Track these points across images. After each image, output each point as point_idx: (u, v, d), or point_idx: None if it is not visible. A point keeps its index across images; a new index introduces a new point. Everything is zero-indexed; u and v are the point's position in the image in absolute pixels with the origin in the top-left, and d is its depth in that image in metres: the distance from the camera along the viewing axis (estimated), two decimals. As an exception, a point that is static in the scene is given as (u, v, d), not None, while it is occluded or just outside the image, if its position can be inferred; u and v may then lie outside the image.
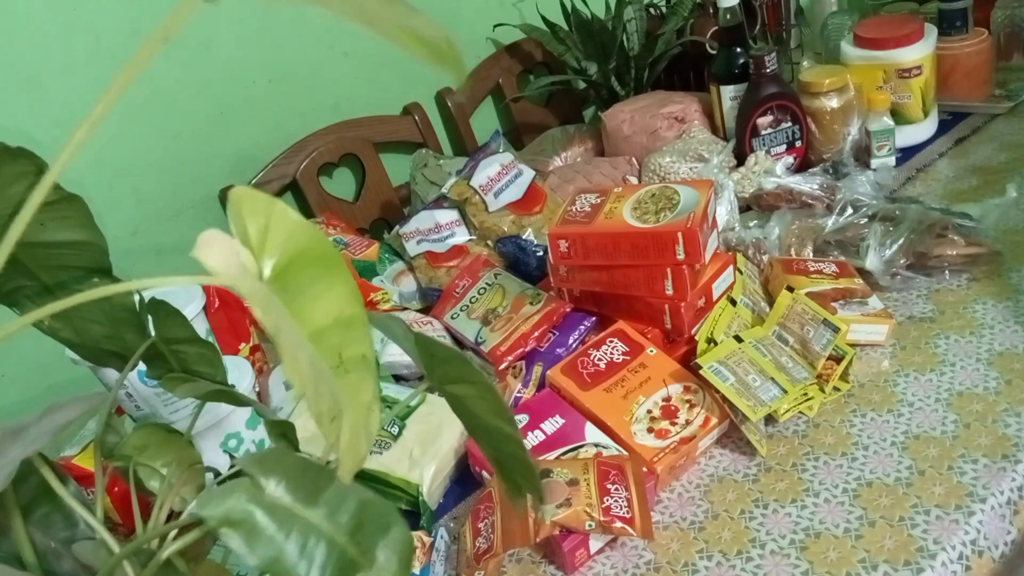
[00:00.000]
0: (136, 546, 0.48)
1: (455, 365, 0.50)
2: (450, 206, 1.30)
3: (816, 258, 1.06)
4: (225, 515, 0.35)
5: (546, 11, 1.71)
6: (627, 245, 0.97)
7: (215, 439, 0.92)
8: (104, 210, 1.23)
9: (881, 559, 0.73)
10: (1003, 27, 1.45)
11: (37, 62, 1.27)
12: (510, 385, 1.02)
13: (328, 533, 0.36)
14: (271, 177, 1.51)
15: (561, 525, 0.76)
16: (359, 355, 0.38)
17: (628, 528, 0.76)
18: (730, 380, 0.86)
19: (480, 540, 0.79)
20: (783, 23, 1.56)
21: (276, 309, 0.34)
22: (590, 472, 0.80)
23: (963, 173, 1.26)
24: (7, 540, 0.49)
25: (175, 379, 0.58)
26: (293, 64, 1.52)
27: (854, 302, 0.97)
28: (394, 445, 0.92)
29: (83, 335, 0.53)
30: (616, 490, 0.79)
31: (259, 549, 0.35)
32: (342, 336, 0.38)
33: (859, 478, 0.81)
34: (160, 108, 1.38)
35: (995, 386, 0.87)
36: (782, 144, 1.31)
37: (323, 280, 0.38)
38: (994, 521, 0.75)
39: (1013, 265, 1.02)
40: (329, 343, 0.37)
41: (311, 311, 0.37)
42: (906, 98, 1.32)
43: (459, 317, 1.14)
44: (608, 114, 1.49)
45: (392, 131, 1.65)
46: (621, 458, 0.84)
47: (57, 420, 0.48)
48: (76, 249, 0.51)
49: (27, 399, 1.32)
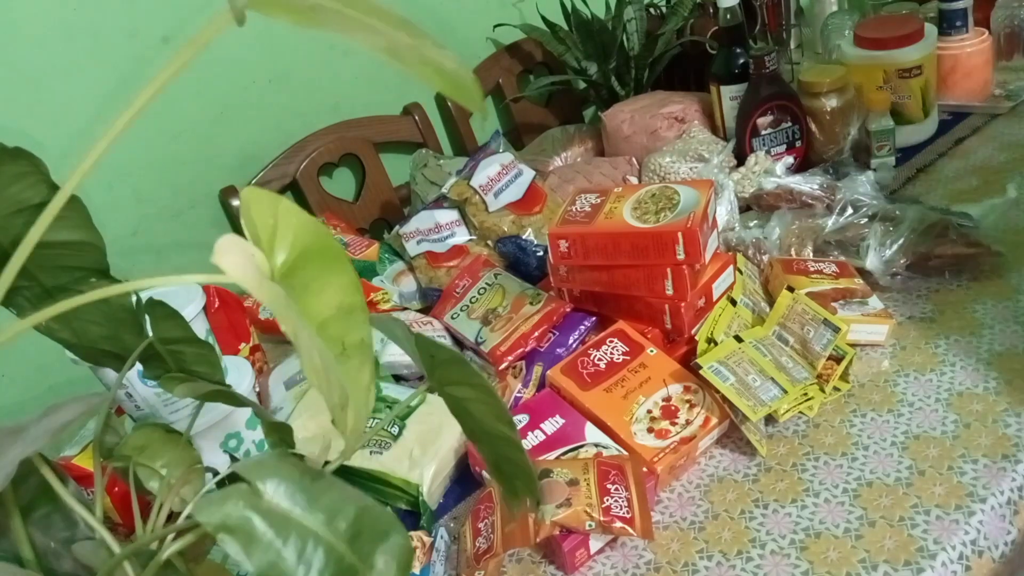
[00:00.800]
0: (136, 547, 0.48)
1: (455, 367, 0.50)
2: (450, 206, 1.30)
3: (816, 258, 1.06)
4: (222, 521, 0.35)
5: (546, 11, 1.71)
6: (627, 245, 0.97)
7: (215, 439, 0.92)
8: (104, 210, 1.23)
9: (881, 559, 0.72)
10: (1003, 27, 1.45)
11: (37, 62, 1.27)
12: (510, 385, 1.02)
13: (326, 539, 0.36)
14: (271, 177, 1.51)
15: (561, 525, 0.76)
16: (359, 340, 0.40)
17: (628, 528, 0.76)
18: (730, 380, 0.86)
19: (480, 540, 0.79)
20: (783, 23, 1.56)
21: (294, 314, 0.35)
22: (590, 472, 0.80)
23: (963, 173, 1.25)
24: (7, 540, 0.49)
25: (173, 379, 0.58)
26: (293, 64, 1.52)
27: (854, 302, 0.97)
28: (394, 445, 0.92)
29: (81, 336, 0.53)
30: (616, 490, 0.79)
31: (256, 555, 0.35)
32: (344, 324, 0.40)
33: (859, 478, 0.81)
34: (160, 108, 1.38)
35: (995, 386, 0.87)
36: (782, 144, 1.31)
37: (327, 273, 0.40)
38: (994, 521, 0.75)
39: (1013, 265, 1.02)
40: (333, 332, 0.39)
41: (317, 304, 0.39)
42: (906, 98, 1.32)
43: (459, 317, 1.14)
44: (608, 114, 1.49)
45: (392, 131, 1.65)
46: (621, 458, 0.84)
47: (57, 420, 0.48)
48: (74, 250, 0.50)
49: (27, 399, 1.32)
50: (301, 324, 0.35)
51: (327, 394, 0.36)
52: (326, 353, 0.37)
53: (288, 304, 0.35)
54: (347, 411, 0.38)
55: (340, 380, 0.37)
